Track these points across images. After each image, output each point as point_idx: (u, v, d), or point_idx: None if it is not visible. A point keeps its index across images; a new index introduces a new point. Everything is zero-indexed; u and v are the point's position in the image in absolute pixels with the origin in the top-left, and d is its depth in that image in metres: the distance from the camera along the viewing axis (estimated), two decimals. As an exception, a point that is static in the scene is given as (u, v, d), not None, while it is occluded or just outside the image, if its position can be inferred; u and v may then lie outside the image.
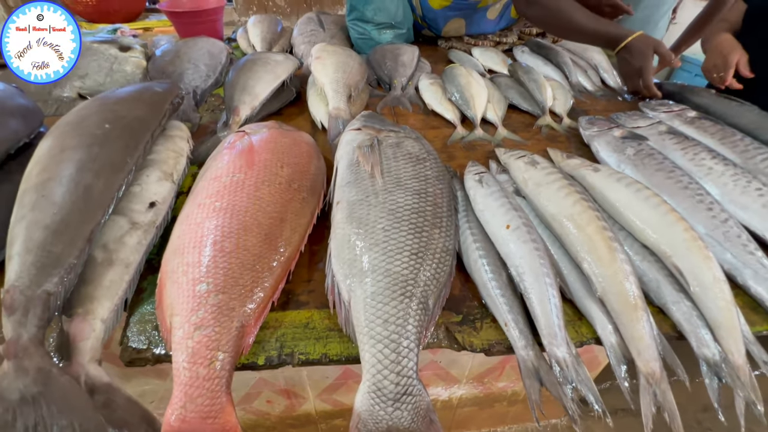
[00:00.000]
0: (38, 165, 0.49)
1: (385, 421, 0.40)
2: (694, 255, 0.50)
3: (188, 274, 0.44)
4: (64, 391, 0.38)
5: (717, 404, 0.46)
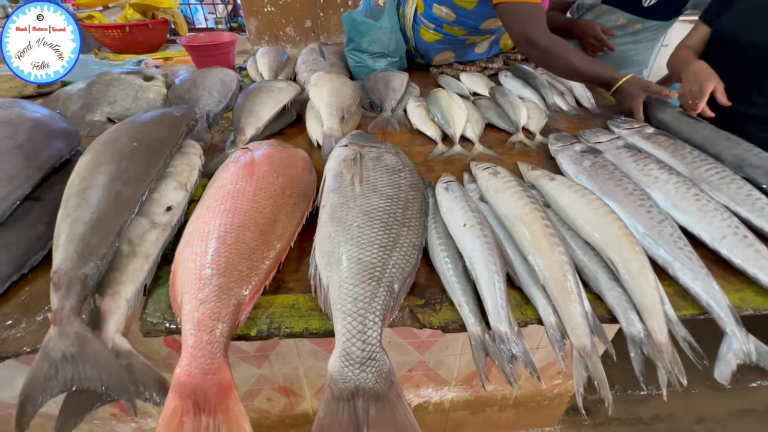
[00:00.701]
0: (79, 176, 0.60)
1: (353, 381, 0.48)
2: (624, 248, 0.58)
3: (196, 261, 0.54)
4: (96, 353, 0.48)
5: (639, 375, 0.53)
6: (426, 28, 1.43)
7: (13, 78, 1.32)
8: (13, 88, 1.22)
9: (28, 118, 0.69)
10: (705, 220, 0.67)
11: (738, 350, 0.53)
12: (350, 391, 0.48)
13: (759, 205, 0.70)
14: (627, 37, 1.47)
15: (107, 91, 1.14)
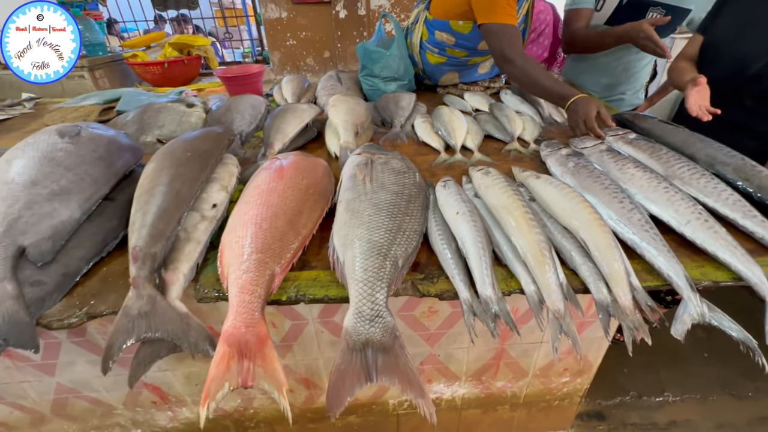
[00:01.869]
0: (147, 178, 0.76)
1: (364, 334, 0.60)
2: (594, 229, 0.68)
3: (239, 242, 0.67)
4: (164, 310, 0.62)
5: (607, 333, 0.62)
6: (431, 52, 1.60)
7: (77, 109, 1.55)
8: (80, 117, 1.44)
9: (105, 136, 0.86)
10: (672, 208, 0.76)
11: (693, 312, 0.61)
12: (362, 342, 0.59)
13: (724, 196, 0.79)
14: (632, 54, 1.58)
15: (156, 117, 1.33)
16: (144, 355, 0.64)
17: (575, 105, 1.14)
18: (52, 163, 0.74)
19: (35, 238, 0.67)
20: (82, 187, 0.74)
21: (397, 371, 0.59)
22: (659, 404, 1.67)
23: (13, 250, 0.64)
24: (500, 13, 1.27)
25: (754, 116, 1.16)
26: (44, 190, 0.70)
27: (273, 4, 3.25)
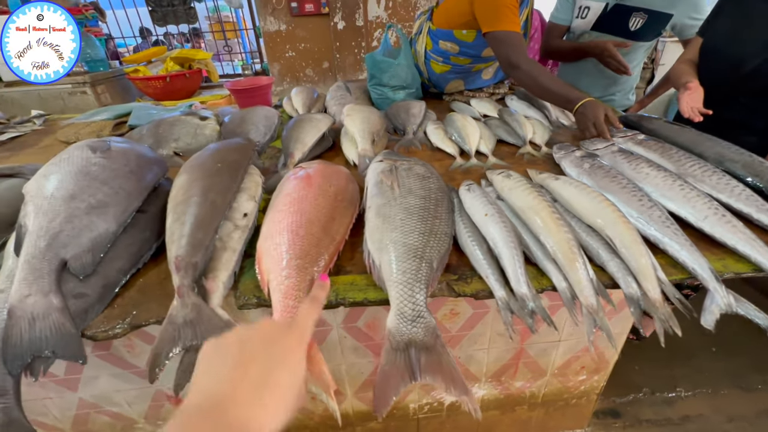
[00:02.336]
0: (181, 189, 0.78)
1: (407, 334, 0.61)
2: (619, 226, 0.71)
3: (278, 249, 0.69)
4: (209, 318, 0.63)
5: (639, 326, 0.64)
6: (435, 61, 1.64)
7: (88, 124, 1.56)
8: (93, 132, 1.45)
9: (134, 151, 0.88)
10: (689, 204, 0.79)
11: (720, 302, 0.64)
12: (405, 342, 0.61)
13: (737, 192, 0.82)
14: (627, 56, 1.64)
15: (171, 130, 1.35)
16: (189, 362, 0.65)
17: (583, 108, 1.18)
18: (87, 177, 0.75)
19: (76, 251, 0.68)
20: (118, 200, 0.76)
21: (440, 369, 0.60)
22: (672, 400, 1.69)
23: (57, 264, 0.65)
24: (504, 22, 1.32)
25: (752, 113, 1.21)
26: (82, 204, 0.72)
27: (272, 17, 3.30)
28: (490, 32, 1.34)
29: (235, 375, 0.37)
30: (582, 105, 1.18)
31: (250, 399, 0.35)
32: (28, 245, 0.65)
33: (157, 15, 3.43)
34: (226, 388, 0.36)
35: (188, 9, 3.44)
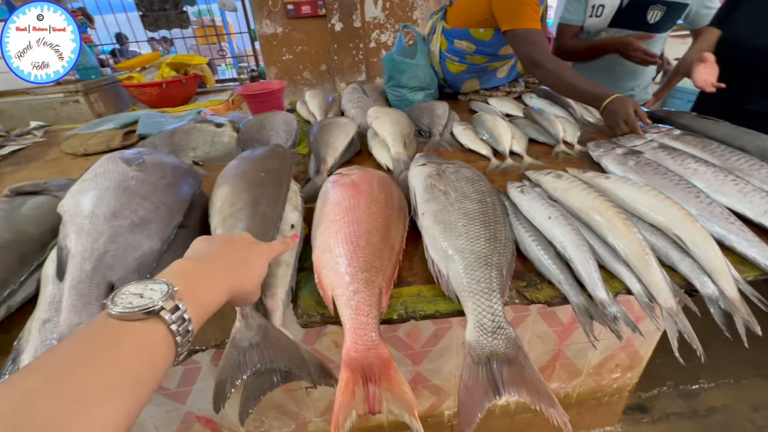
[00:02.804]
0: (227, 202, 0.73)
1: (488, 347, 0.58)
2: (688, 225, 0.69)
3: (339, 262, 0.66)
4: (277, 339, 0.59)
5: (722, 326, 0.62)
6: (451, 61, 1.62)
7: (95, 135, 1.49)
8: (102, 143, 1.38)
9: (168, 162, 0.83)
10: (746, 199, 0.78)
11: (801, 299, 0.62)
12: (486, 356, 0.58)
13: (789, 185, 0.81)
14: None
15: (188, 138, 1.29)
16: (254, 387, 0.60)
17: (612, 105, 1.17)
18: (127, 192, 0.70)
19: (123, 272, 0.63)
20: (159, 215, 0.71)
21: (524, 382, 0.58)
22: (696, 392, 1.70)
23: (105, 288, 0.61)
24: (525, 19, 1.30)
25: None
26: (125, 222, 0.67)
27: (268, 19, 3.24)
28: (511, 30, 1.32)
29: (224, 248, 0.49)
30: (610, 102, 1.17)
31: (238, 257, 0.48)
32: (73, 269, 0.60)
33: (148, 20, 3.33)
34: (217, 250, 0.48)
35: (180, 13, 3.36)
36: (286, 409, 1.18)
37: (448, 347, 1.12)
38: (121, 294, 0.34)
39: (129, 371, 0.30)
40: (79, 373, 0.27)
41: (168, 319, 0.33)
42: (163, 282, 0.35)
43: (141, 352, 0.31)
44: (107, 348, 0.30)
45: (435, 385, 1.23)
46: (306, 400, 1.17)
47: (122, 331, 0.31)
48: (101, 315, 0.33)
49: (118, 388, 0.28)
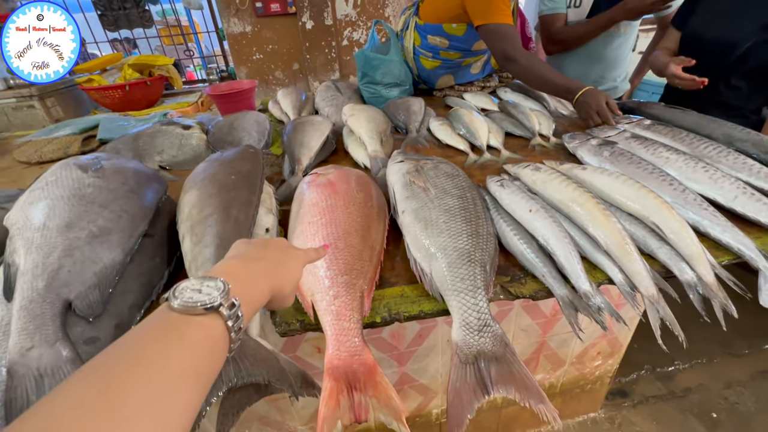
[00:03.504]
0: (195, 207, 0.69)
1: (475, 346, 0.57)
2: (664, 213, 0.70)
3: (319, 266, 0.62)
4: (253, 350, 0.55)
5: (702, 311, 0.63)
6: (425, 57, 1.61)
7: (51, 141, 1.40)
8: (59, 149, 1.29)
9: (128, 167, 0.77)
10: (716, 186, 0.80)
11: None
12: (474, 355, 0.57)
13: (755, 170, 0.84)
14: (619, 38, 1.67)
15: (153, 142, 1.23)
16: (231, 404, 0.57)
17: (584, 97, 1.19)
18: (83, 201, 0.65)
19: (81, 288, 0.58)
20: (121, 225, 0.66)
21: (513, 379, 0.57)
22: (672, 374, 1.76)
23: (60, 306, 0.56)
24: (497, 14, 1.30)
25: (742, 96, 1.26)
26: (82, 233, 0.61)
27: (236, 18, 3.14)
28: (483, 25, 1.32)
29: (264, 250, 0.47)
30: (582, 94, 1.19)
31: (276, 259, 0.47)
32: (23, 287, 0.55)
33: (108, 19, 3.17)
34: (257, 252, 0.46)
35: (142, 12, 3.21)
36: (269, 419, 1.14)
37: (433, 346, 1.11)
38: (179, 289, 0.34)
39: (195, 362, 0.30)
40: (155, 362, 0.28)
41: (226, 315, 0.34)
42: (219, 279, 0.36)
43: (204, 345, 0.32)
44: (177, 339, 0.31)
45: (422, 385, 1.21)
46: (291, 409, 1.13)
47: (187, 324, 0.32)
48: (162, 308, 0.33)
49: (189, 378, 0.29)
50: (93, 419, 0.23)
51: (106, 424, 0.23)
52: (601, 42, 1.65)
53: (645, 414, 1.60)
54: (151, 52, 4.41)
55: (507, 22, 1.31)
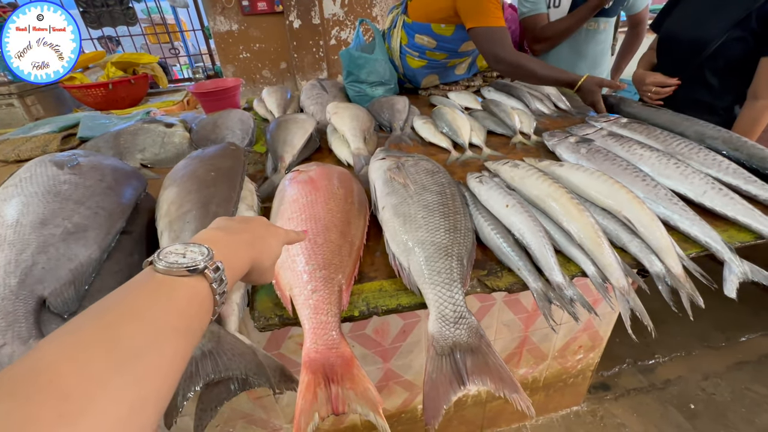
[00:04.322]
0: (174, 204, 0.69)
1: (450, 338, 0.58)
2: (634, 207, 0.72)
3: (297, 261, 0.63)
4: (231, 345, 0.56)
5: (670, 301, 0.65)
6: (411, 56, 1.62)
7: (29, 139, 1.37)
8: (37, 148, 1.27)
9: (106, 164, 0.77)
10: (687, 181, 0.83)
11: (737, 271, 0.67)
12: (449, 346, 0.58)
13: (724, 166, 0.87)
14: (599, 35, 1.71)
15: (134, 140, 1.21)
16: (209, 399, 0.57)
17: (587, 84, 1.22)
18: (58, 198, 0.64)
19: (55, 285, 0.57)
20: (98, 222, 0.65)
21: (488, 370, 0.58)
22: (652, 367, 1.81)
23: (34, 303, 0.55)
24: (489, 17, 1.32)
25: (714, 92, 1.31)
26: (57, 230, 0.61)
27: (222, 16, 3.12)
28: (475, 28, 1.33)
29: (245, 224, 0.47)
30: (584, 82, 1.23)
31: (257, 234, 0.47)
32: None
33: (90, 16, 3.11)
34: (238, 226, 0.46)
35: (126, 9, 3.15)
36: (254, 417, 1.14)
37: (417, 341, 1.12)
38: (164, 253, 0.35)
39: (184, 317, 0.31)
40: (147, 314, 0.29)
41: (211, 277, 0.35)
42: (203, 246, 0.37)
43: (191, 302, 0.33)
44: (166, 295, 0.32)
45: (407, 381, 1.22)
46: (275, 407, 1.13)
47: (173, 283, 0.33)
48: (146, 271, 0.34)
49: (179, 331, 0.30)
50: (93, 360, 0.24)
51: (106, 364, 0.24)
52: (583, 39, 1.69)
53: (626, 406, 1.64)
54: (136, 50, 4.34)
55: (499, 25, 1.32)
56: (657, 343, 1.90)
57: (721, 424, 1.54)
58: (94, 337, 0.26)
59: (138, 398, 0.25)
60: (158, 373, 0.27)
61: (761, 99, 1.20)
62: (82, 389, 0.23)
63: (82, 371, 0.23)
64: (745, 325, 1.95)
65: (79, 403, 0.22)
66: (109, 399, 0.23)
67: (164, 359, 0.28)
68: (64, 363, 0.24)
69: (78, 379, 0.23)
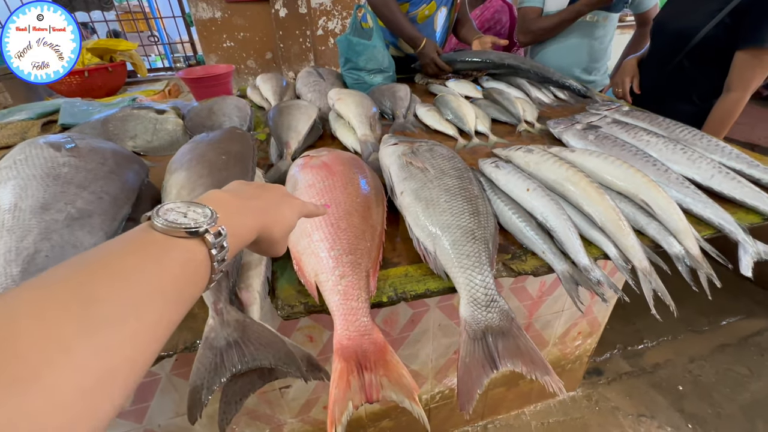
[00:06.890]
0: (185, 188, 0.65)
1: (483, 322, 0.57)
2: (651, 190, 0.73)
3: (320, 246, 0.60)
4: (258, 334, 0.53)
5: (690, 281, 0.66)
6: None
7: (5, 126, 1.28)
8: (15, 134, 1.18)
9: (107, 147, 0.71)
10: (694, 166, 0.84)
11: (752, 251, 0.68)
12: (482, 330, 0.57)
13: (727, 151, 0.89)
14: (599, 30, 1.72)
15: (125, 126, 1.15)
16: (234, 391, 0.54)
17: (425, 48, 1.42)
18: (59, 181, 0.59)
19: (61, 275, 0.53)
20: (103, 207, 0.61)
21: (519, 353, 0.57)
22: (641, 351, 1.87)
23: (39, 294, 0.50)
24: None
25: (691, 83, 1.35)
26: (59, 215, 0.56)
27: (204, 3, 3.00)
28: None
29: (260, 191, 0.45)
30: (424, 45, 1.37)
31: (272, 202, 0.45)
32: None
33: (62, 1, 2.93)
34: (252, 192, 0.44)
35: (100, -7, 2.99)
36: (258, 413, 1.10)
37: (425, 331, 1.11)
38: (164, 209, 0.32)
39: (174, 281, 0.29)
40: (133, 275, 0.26)
41: (211, 242, 0.32)
42: (207, 207, 0.34)
43: (185, 267, 0.30)
44: (157, 256, 0.29)
45: (413, 371, 1.21)
46: (281, 402, 1.10)
47: (169, 244, 0.30)
48: (144, 226, 0.31)
49: (167, 295, 0.28)
50: (61, 320, 0.21)
51: (75, 327, 0.22)
52: (582, 33, 1.70)
53: (619, 390, 1.69)
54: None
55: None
56: (646, 329, 1.97)
57: (708, 403, 1.60)
58: (67, 294, 0.23)
59: (107, 368, 0.22)
60: (135, 342, 0.24)
61: (734, 91, 1.25)
62: (39, 351, 0.20)
63: (43, 331, 0.21)
64: (726, 310, 2.04)
65: (35, 367, 0.19)
66: (72, 366, 0.20)
67: (144, 326, 0.25)
68: (24, 319, 0.21)
69: (37, 340, 0.20)
